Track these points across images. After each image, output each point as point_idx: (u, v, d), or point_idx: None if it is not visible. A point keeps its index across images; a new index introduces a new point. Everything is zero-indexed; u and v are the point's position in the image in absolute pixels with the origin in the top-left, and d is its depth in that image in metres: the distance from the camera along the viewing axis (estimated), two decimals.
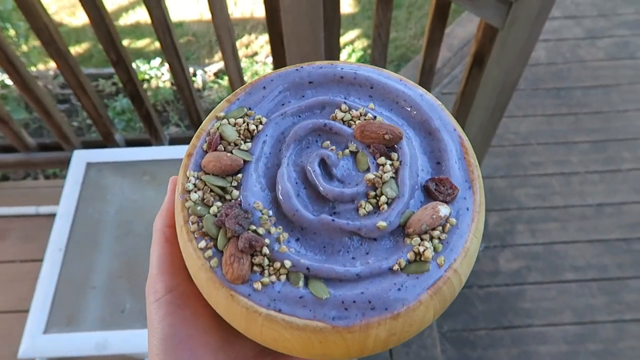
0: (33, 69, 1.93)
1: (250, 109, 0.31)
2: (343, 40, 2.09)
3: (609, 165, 1.58)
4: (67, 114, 1.87)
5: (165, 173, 1.03)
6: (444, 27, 1.07)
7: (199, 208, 0.27)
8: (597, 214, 1.49)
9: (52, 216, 1.29)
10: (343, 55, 2.02)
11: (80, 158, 1.00)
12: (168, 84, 1.94)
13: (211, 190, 0.28)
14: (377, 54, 1.10)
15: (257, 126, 0.30)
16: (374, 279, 0.26)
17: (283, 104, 0.31)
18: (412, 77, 1.97)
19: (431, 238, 0.26)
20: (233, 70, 1.14)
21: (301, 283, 0.26)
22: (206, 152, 0.29)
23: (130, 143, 1.29)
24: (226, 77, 1.95)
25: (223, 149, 0.29)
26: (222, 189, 0.28)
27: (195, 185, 0.28)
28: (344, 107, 0.30)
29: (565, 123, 1.68)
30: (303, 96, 0.31)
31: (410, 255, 0.26)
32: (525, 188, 1.55)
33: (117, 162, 1.01)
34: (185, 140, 1.26)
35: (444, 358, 1.28)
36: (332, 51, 1.01)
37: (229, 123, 0.30)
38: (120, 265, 0.89)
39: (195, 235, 0.27)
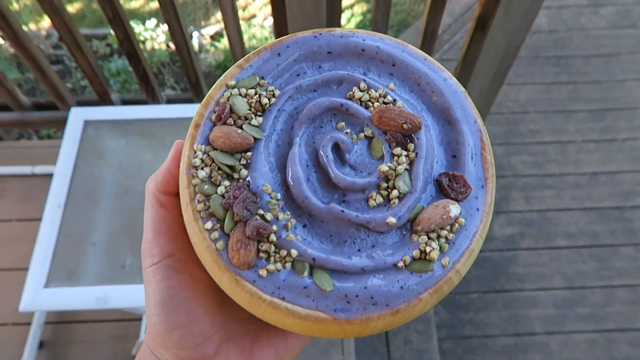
0: (24, 28, 1.88)
1: (263, 78, 0.29)
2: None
3: (605, 135, 1.59)
4: (60, 75, 1.84)
5: (164, 132, 1.02)
6: None
7: (206, 187, 0.26)
8: (591, 183, 1.51)
9: (48, 176, 1.29)
10: (342, 19, 1.99)
11: (78, 115, 0.99)
12: (163, 46, 1.91)
13: (219, 168, 0.27)
14: (380, 15, 1.08)
15: (269, 99, 0.28)
16: (378, 273, 0.26)
17: (298, 74, 0.29)
18: (413, 42, 1.93)
19: (438, 237, 0.26)
20: (233, 32, 1.11)
21: (306, 273, 0.26)
22: (214, 123, 0.28)
23: (126, 103, 1.28)
24: (223, 40, 1.91)
25: (233, 122, 0.28)
26: (231, 167, 0.27)
27: (202, 160, 0.27)
28: (362, 85, 0.29)
29: (564, 92, 1.68)
30: (320, 67, 0.30)
31: (415, 253, 0.26)
32: (522, 156, 1.56)
33: (114, 120, 1.00)
34: (184, 101, 1.24)
35: (437, 320, 1.31)
36: (334, 10, 0.99)
37: (240, 94, 0.28)
38: (120, 223, 0.89)
39: (202, 215, 0.26)
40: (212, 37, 1.97)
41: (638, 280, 1.37)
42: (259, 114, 0.28)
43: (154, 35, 1.91)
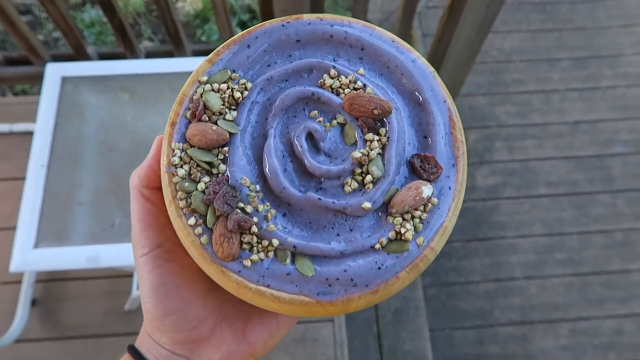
0: None
1: (234, 71, 0.29)
2: None
3: (588, 83, 1.60)
4: (31, 26, 1.75)
5: (145, 88, 0.99)
6: None
7: (186, 184, 0.27)
8: (573, 131, 1.53)
9: (27, 134, 1.25)
10: None
11: (55, 71, 0.95)
12: None
13: (197, 165, 0.28)
14: None
15: (242, 92, 0.29)
16: (356, 256, 0.27)
17: (269, 65, 0.30)
18: None
19: (412, 217, 0.27)
20: None
21: (288, 260, 0.27)
22: (190, 121, 0.28)
23: (103, 57, 1.23)
24: None
25: (207, 118, 0.28)
26: (209, 163, 0.28)
27: (181, 158, 0.28)
28: (332, 72, 0.29)
29: (549, 39, 1.66)
30: (290, 56, 0.30)
31: (391, 234, 0.27)
32: (505, 106, 1.56)
33: (93, 76, 0.97)
34: (163, 55, 1.20)
35: None
36: None
37: (213, 89, 0.29)
38: (106, 181, 0.88)
39: (185, 212, 0.27)
40: None
41: (613, 226, 1.42)
42: (232, 108, 0.29)
43: None
